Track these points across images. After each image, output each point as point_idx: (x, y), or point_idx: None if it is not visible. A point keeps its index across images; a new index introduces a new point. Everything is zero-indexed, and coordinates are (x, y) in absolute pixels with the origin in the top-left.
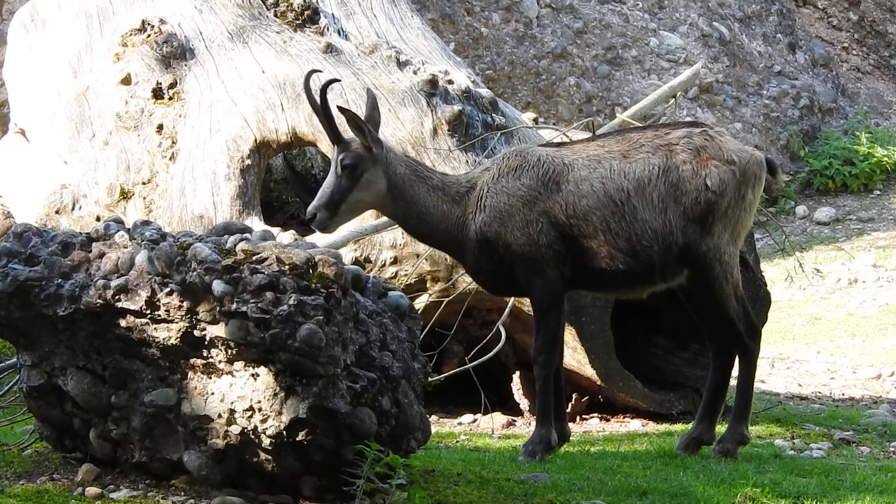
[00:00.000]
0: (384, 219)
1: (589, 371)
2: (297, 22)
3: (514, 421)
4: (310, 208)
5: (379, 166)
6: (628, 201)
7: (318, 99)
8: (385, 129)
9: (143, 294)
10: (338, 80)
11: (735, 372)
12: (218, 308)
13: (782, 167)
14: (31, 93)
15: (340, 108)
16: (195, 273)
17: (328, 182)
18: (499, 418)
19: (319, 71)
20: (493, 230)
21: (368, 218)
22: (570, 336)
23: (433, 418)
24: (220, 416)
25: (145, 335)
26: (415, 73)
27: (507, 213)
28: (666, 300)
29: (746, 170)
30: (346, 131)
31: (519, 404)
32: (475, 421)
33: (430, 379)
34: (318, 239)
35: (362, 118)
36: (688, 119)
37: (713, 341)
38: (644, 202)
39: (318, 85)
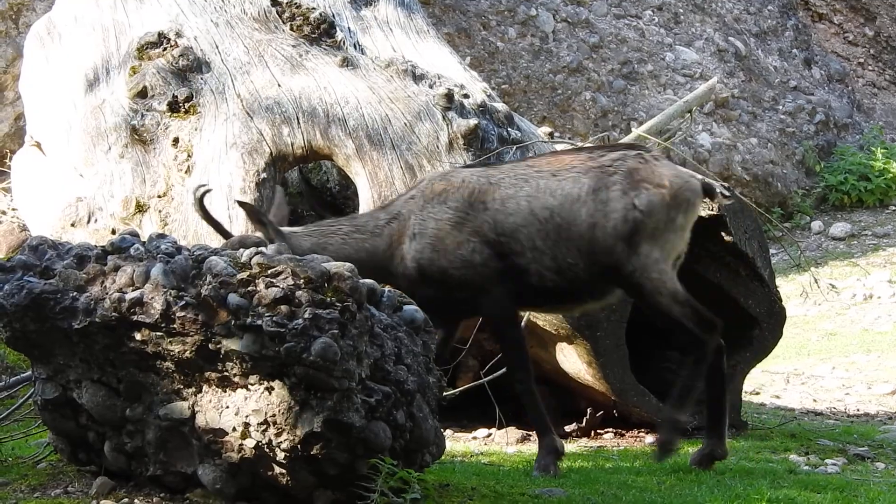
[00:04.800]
0: None
1: (603, 386)
2: (314, 36)
3: (529, 435)
4: None
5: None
6: (552, 219)
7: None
8: (401, 143)
9: (158, 307)
10: (209, 190)
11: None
12: (233, 321)
13: (798, 182)
14: (47, 106)
15: (239, 203)
16: (210, 286)
17: None
18: (514, 433)
19: (206, 187)
20: (426, 257)
21: None
22: (584, 351)
23: (448, 433)
24: (234, 429)
25: (160, 348)
26: (431, 86)
27: (438, 237)
28: None
29: (678, 194)
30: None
31: None
32: (490, 435)
33: (444, 393)
34: None
35: (263, 212)
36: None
37: (684, 342)
38: (570, 220)
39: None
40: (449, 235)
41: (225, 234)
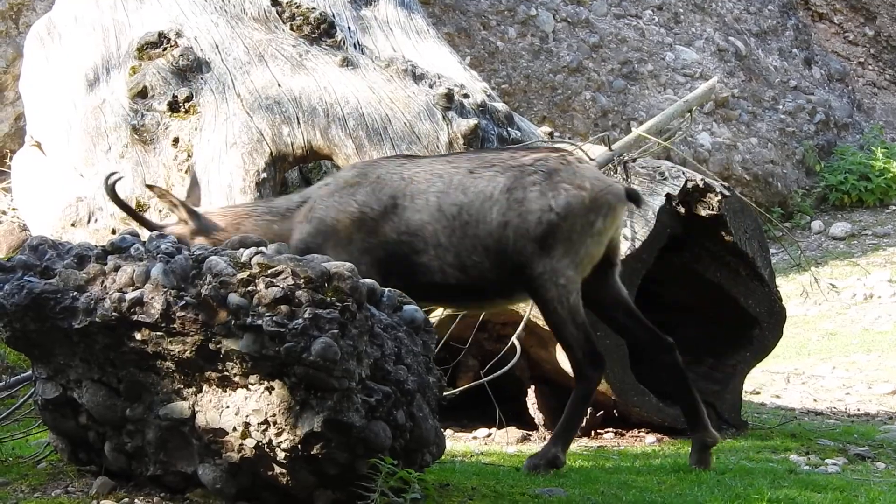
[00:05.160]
0: None
1: (603, 385)
2: (314, 35)
3: (530, 435)
4: None
5: (199, 236)
6: (459, 216)
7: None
8: (401, 143)
9: (158, 307)
10: (121, 177)
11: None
12: (233, 321)
13: (798, 181)
14: (48, 106)
15: (149, 186)
16: (210, 286)
17: None
18: (514, 432)
19: (118, 174)
20: (316, 243)
21: None
22: None
23: (448, 432)
24: (234, 429)
25: (160, 348)
26: (431, 86)
27: (333, 228)
28: (680, 315)
29: (598, 198)
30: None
31: (534, 418)
32: (490, 435)
33: (444, 393)
34: None
35: (173, 194)
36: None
37: (642, 347)
38: (479, 218)
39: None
40: (346, 230)
41: (140, 219)
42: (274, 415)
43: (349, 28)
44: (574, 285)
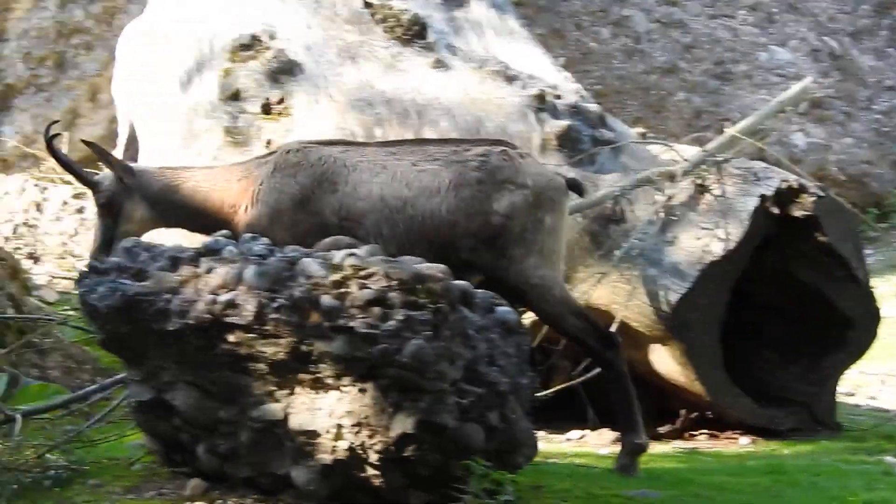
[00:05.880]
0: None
1: (697, 387)
2: (406, 37)
3: None
4: (89, 258)
5: (135, 193)
6: (404, 209)
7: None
8: None
9: (251, 309)
10: (57, 121)
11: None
12: (326, 323)
13: (894, 182)
14: (139, 108)
15: (85, 142)
16: (303, 288)
17: (97, 225)
18: (607, 434)
19: (57, 121)
20: (262, 225)
21: None
22: (677, 352)
23: (540, 434)
24: (327, 431)
25: (253, 350)
26: (523, 87)
27: (277, 210)
28: (771, 314)
29: (541, 194)
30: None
31: None
32: (583, 437)
33: (537, 394)
34: None
35: (109, 151)
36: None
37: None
38: (426, 214)
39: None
40: (288, 210)
41: (76, 172)
42: (367, 416)
43: (441, 29)
44: (552, 280)
